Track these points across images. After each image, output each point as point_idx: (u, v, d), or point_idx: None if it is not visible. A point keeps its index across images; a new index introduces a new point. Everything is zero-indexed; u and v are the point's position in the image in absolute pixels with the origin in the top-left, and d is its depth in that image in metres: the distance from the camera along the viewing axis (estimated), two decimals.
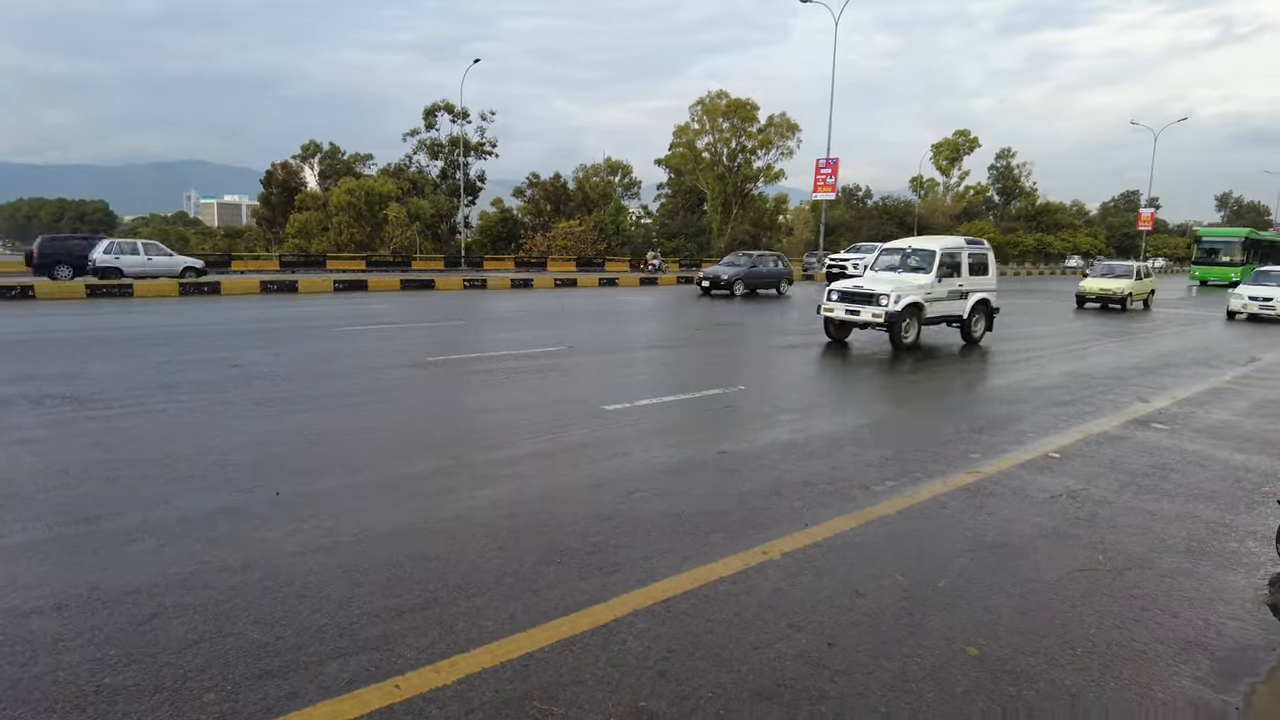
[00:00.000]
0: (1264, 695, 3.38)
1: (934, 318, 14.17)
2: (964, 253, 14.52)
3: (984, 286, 14.86)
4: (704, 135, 59.67)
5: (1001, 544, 4.89)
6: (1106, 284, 25.20)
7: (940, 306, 14.13)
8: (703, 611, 3.85)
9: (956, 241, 14.72)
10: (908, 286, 13.53)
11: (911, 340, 13.69)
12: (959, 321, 14.63)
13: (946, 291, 14.12)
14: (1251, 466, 6.82)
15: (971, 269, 14.60)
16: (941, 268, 14.03)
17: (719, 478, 6.05)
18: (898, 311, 13.17)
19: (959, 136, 75.61)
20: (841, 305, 13.93)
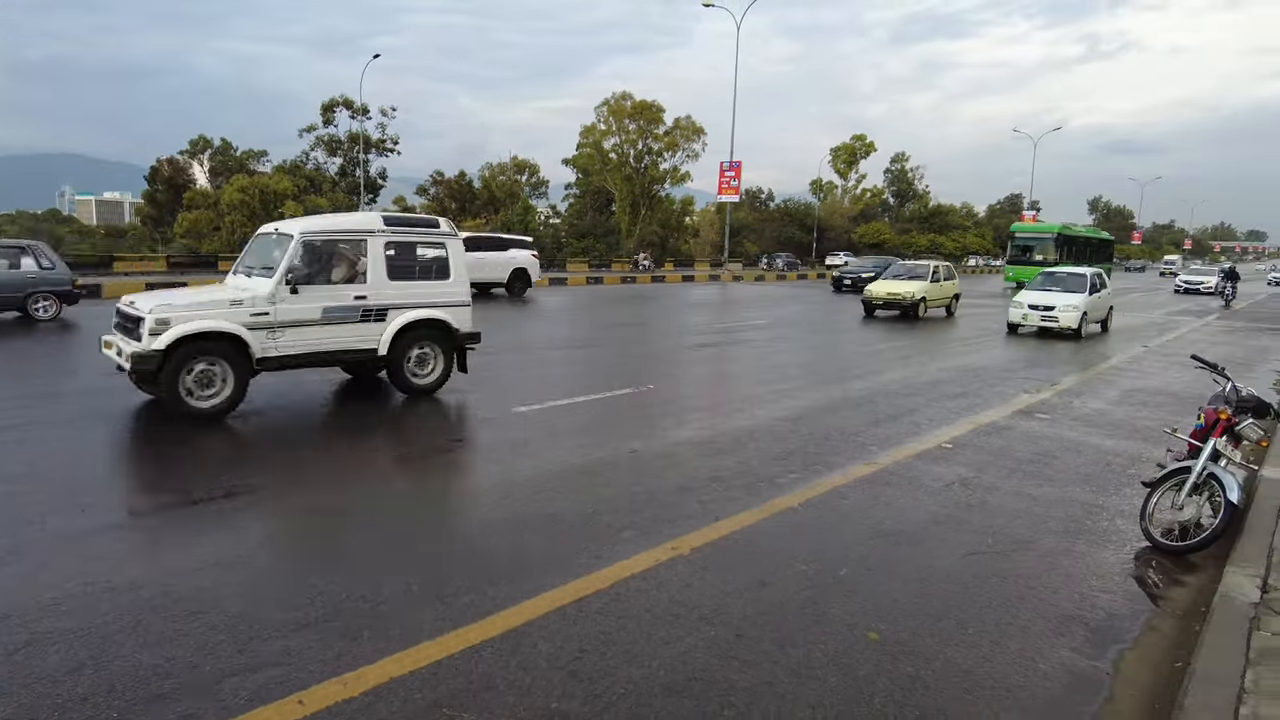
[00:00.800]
0: (1130, 660, 3.67)
1: None
2: None
3: None
4: (611, 136, 59.77)
5: (898, 531, 5.12)
6: (896, 287, 21.34)
7: None
8: (614, 610, 3.88)
9: None
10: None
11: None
12: None
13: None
14: (1120, 451, 7.35)
15: None
16: None
17: (630, 476, 6.09)
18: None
19: (856, 141, 78.25)
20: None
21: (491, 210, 56.30)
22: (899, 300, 20.93)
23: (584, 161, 61.79)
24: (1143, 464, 6.79)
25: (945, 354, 14.37)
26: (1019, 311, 17.53)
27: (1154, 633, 3.96)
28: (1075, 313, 16.85)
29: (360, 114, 53.12)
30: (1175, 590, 4.52)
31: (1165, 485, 5.19)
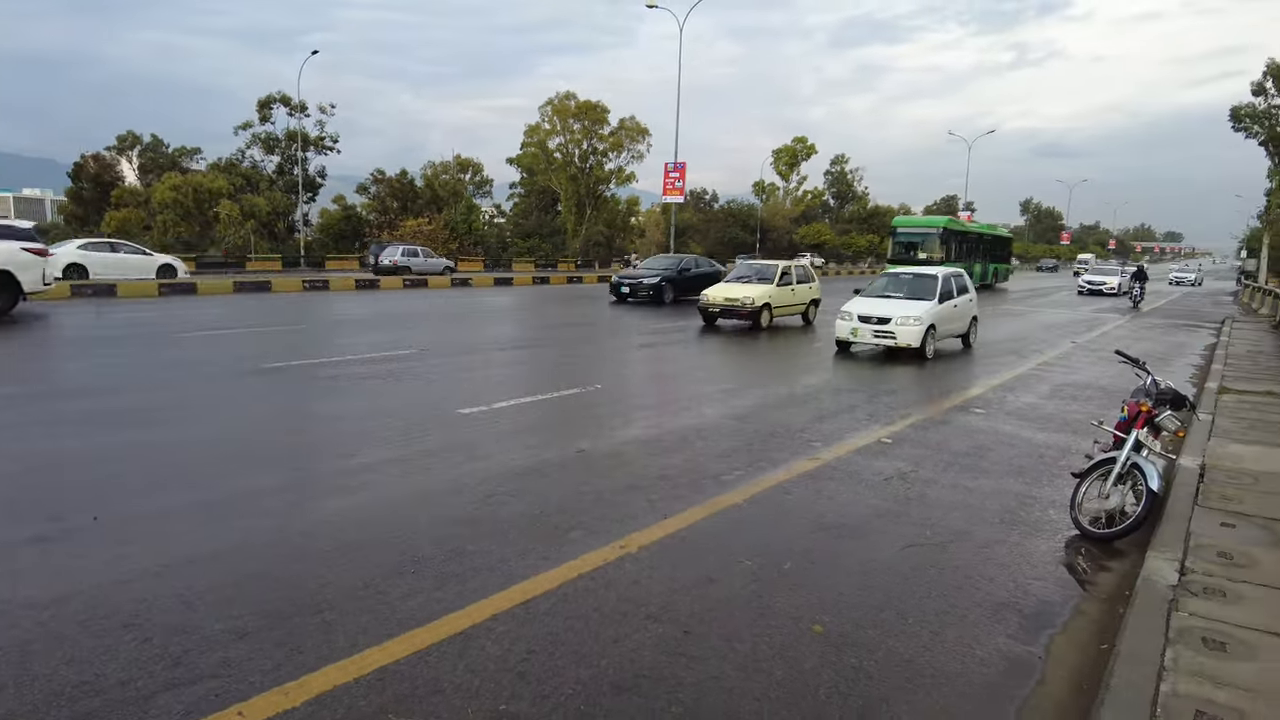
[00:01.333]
0: (1061, 644, 3.82)
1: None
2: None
3: None
4: (555, 136, 59.41)
5: (840, 525, 5.23)
6: (735, 292, 17.47)
7: None
8: (562, 610, 3.88)
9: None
10: None
11: None
12: None
13: None
14: (1051, 444, 7.63)
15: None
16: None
17: (578, 476, 6.09)
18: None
19: (797, 143, 79.43)
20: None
21: (435, 209, 55.43)
22: (736, 307, 17.17)
23: (528, 161, 61.35)
24: (1072, 456, 7.05)
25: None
26: (847, 325, 13.38)
27: (1082, 617, 4.13)
28: (917, 327, 12.88)
29: (298, 111, 51.80)
30: (1102, 576, 4.71)
31: (1092, 475, 5.41)
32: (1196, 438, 7.52)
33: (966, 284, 15.09)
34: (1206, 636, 3.57)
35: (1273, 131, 50.66)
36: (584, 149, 59.68)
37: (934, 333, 13.41)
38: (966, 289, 14.99)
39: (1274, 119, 50.50)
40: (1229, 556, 4.54)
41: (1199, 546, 4.69)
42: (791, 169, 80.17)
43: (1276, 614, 3.82)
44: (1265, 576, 4.27)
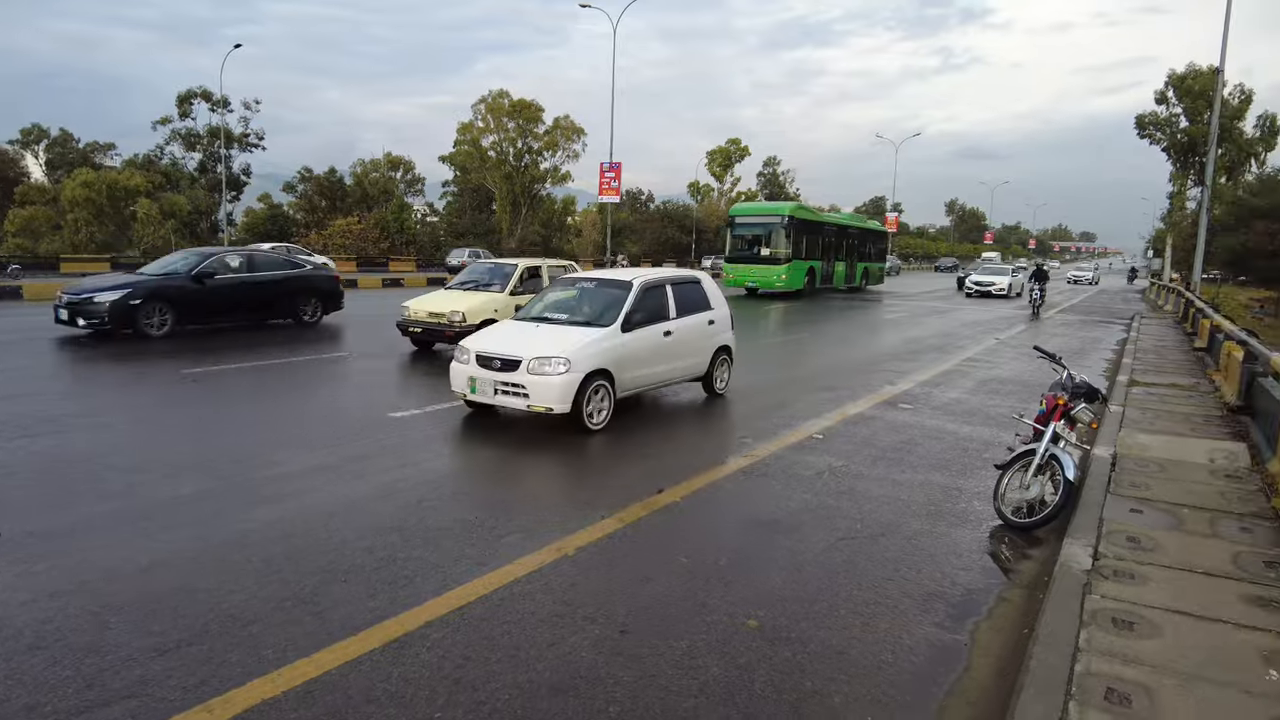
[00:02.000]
0: (985, 630, 3.96)
1: None
2: None
3: None
4: (489, 134, 58.75)
5: (774, 520, 5.31)
6: (443, 303, 12.24)
7: None
8: (498, 615, 3.84)
9: None
10: None
11: None
12: None
13: None
14: (975, 437, 7.90)
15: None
16: None
17: (516, 479, 6.04)
18: None
19: (731, 145, 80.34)
20: None
21: (365, 208, 54.24)
22: (441, 327, 11.92)
23: (462, 159, 60.51)
24: (995, 448, 7.32)
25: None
26: (464, 372, 7.99)
27: (1005, 603, 4.29)
28: (562, 376, 7.36)
29: (220, 106, 50.03)
30: (1024, 563, 4.90)
31: (1014, 467, 5.62)
32: (1109, 428, 7.89)
33: (704, 296, 9.45)
34: (1117, 617, 3.75)
35: (1174, 139, 53.55)
36: (519, 148, 59.20)
37: (613, 382, 7.82)
38: (701, 305, 9.33)
39: (1175, 127, 53.37)
40: (1137, 541, 4.78)
41: (1110, 532, 4.92)
42: (726, 170, 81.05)
43: (1178, 593, 4.04)
44: (1169, 559, 4.51)
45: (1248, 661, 3.37)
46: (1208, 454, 6.85)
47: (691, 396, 9.58)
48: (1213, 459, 6.71)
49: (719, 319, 9.47)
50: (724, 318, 9.58)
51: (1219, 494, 5.78)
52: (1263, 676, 3.25)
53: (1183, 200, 55.34)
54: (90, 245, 42.71)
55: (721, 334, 9.51)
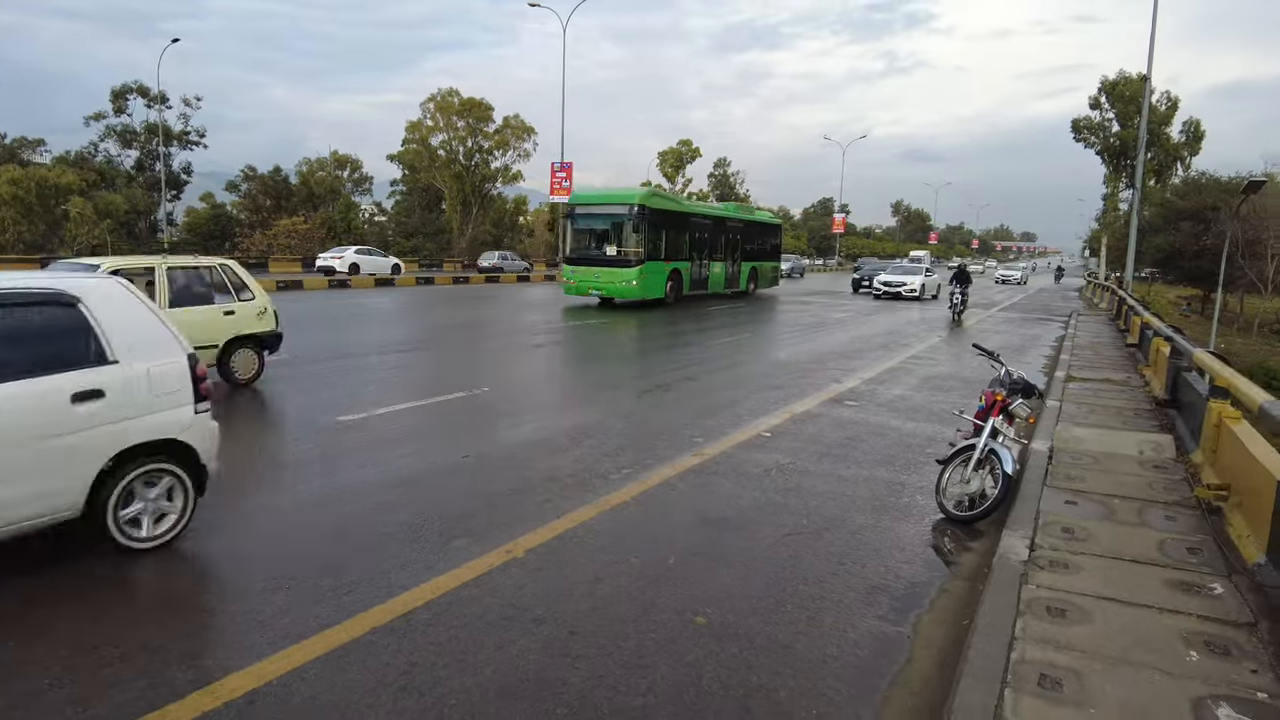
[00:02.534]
0: (928, 622, 4.06)
1: None
2: None
3: None
4: (438, 133, 58.09)
5: (723, 518, 5.36)
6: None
7: None
8: (446, 619, 3.81)
9: None
10: None
11: None
12: None
13: None
14: (918, 433, 8.08)
15: None
16: None
17: (463, 482, 5.99)
18: None
19: (683, 145, 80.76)
20: None
21: (310, 208, 53.11)
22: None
23: (410, 158, 59.67)
24: (937, 443, 7.49)
25: None
26: None
27: (947, 595, 4.40)
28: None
29: (158, 102, 48.47)
30: (965, 556, 5.03)
31: (954, 462, 5.76)
32: (1046, 423, 8.15)
33: (80, 334, 4.32)
34: (1051, 605, 3.88)
35: (1107, 142, 55.56)
36: (469, 147, 58.65)
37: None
38: (54, 358, 4.20)
39: (1107, 131, 55.37)
40: (1071, 531, 4.94)
41: (1047, 524, 5.09)
42: (678, 171, 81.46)
43: (1108, 581, 4.20)
44: (1100, 548, 4.68)
45: (1169, 644, 3.52)
46: (1137, 446, 7.12)
47: (644, 396, 9.61)
48: (1142, 451, 6.97)
49: (122, 388, 4.39)
50: (145, 381, 4.50)
51: (1147, 484, 6.02)
52: (1183, 658, 3.39)
53: (1116, 201, 57.42)
54: (18, 245, 41.03)
55: (130, 419, 4.43)
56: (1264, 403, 4.73)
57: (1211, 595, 4.06)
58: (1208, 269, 33.48)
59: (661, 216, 23.04)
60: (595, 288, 22.55)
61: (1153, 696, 3.09)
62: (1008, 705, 3.00)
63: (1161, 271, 44.82)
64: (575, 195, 25.29)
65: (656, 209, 22.87)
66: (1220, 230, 28.35)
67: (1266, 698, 3.11)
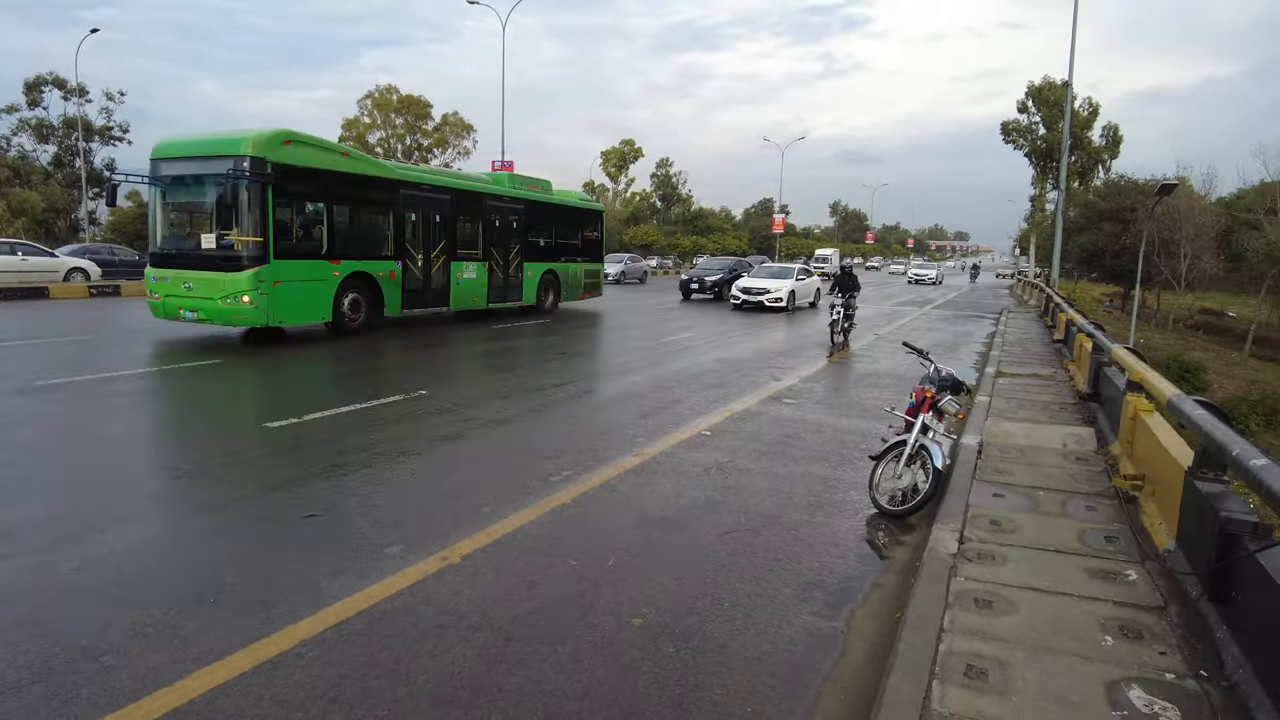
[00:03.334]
0: (861, 616, 4.14)
1: None
2: None
3: None
4: (376, 130, 57.11)
5: (662, 518, 5.38)
6: None
7: None
8: (378, 629, 3.73)
9: None
10: None
11: None
12: None
13: None
14: (853, 429, 8.25)
15: None
16: None
17: (398, 488, 5.87)
18: None
19: (625, 145, 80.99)
20: None
21: None
22: None
23: None
24: (871, 439, 7.64)
25: None
26: None
27: (880, 589, 4.49)
28: None
29: (77, 95, 46.38)
30: (898, 549, 5.14)
31: (887, 457, 5.90)
32: (977, 418, 8.40)
33: None
34: (978, 597, 3.99)
35: (1034, 145, 57.63)
36: (407, 144, 57.75)
37: None
38: None
39: (1034, 134, 57.45)
40: (998, 524, 5.10)
41: (975, 516, 5.24)
42: (620, 171, 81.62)
43: (1032, 571, 4.34)
44: (1025, 539, 4.84)
45: (1087, 630, 3.66)
46: (1061, 439, 7.40)
47: (587, 396, 9.58)
48: (1065, 444, 7.24)
49: None
50: None
51: (1070, 476, 6.25)
52: (1099, 643, 3.53)
53: (1043, 202, 59.64)
54: None
55: None
56: (1171, 396, 4.95)
57: (1126, 582, 4.23)
58: (1128, 267, 35.01)
59: (313, 179, 13.66)
60: (188, 306, 13.15)
61: (1070, 682, 3.21)
62: (935, 696, 3.08)
63: (1086, 269, 46.67)
64: (163, 144, 13.72)
65: (293, 165, 13.22)
66: (1138, 230, 29.65)
67: (1174, 678, 3.26)
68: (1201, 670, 3.33)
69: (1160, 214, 32.27)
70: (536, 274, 20.22)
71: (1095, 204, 44.15)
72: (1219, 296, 46.36)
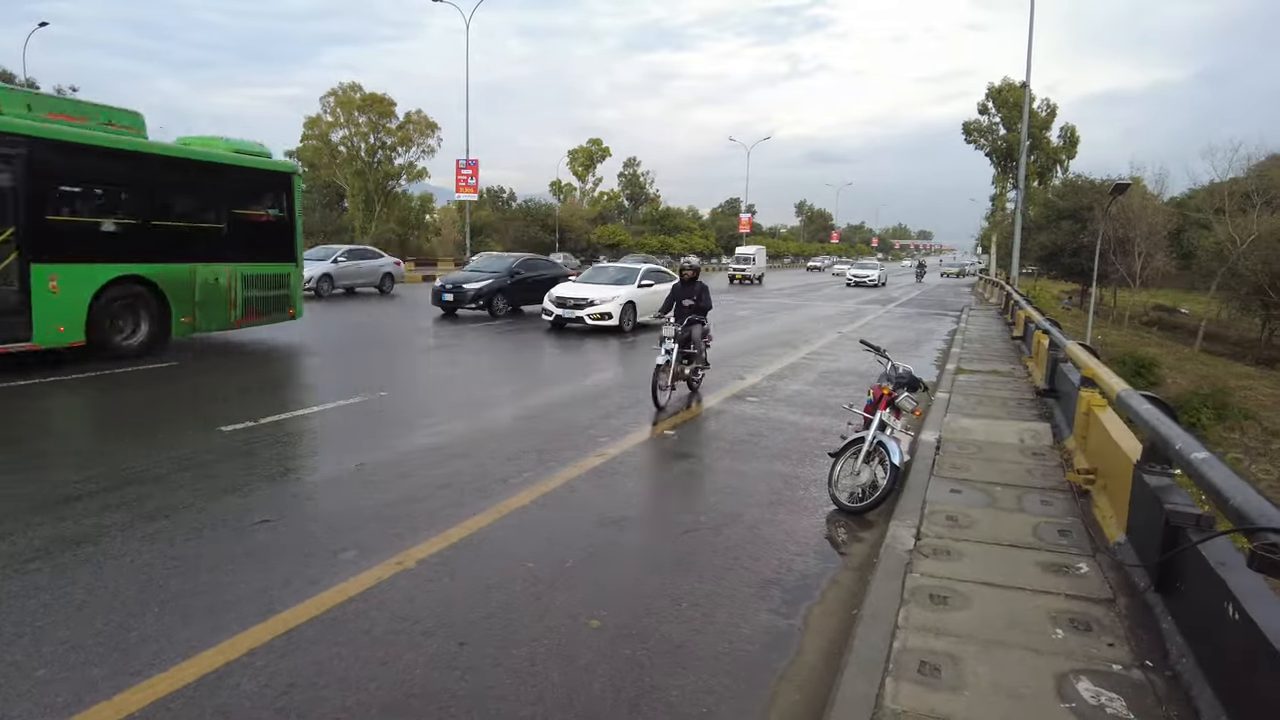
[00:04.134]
0: (818, 614, 4.15)
1: None
2: None
3: None
4: (339, 128, 56.30)
5: (623, 518, 5.36)
6: None
7: None
8: (329, 636, 3.65)
9: None
10: None
11: None
12: None
13: None
14: (814, 426, 8.29)
15: None
16: None
17: (354, 492, 5.77)
18: None
19: (592, 145, 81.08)
20: None
21: None
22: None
23: (310, 154, 57.52)
24: (832, 437, 7.67)
25: None
26: None
27: (837, 586, 4.51)
28: None
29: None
30: (856, 546, 5.17)
31: (845, 454, 5.92)
32: (937, 413, 8.50)
33: None
34: (934, 593, 4.02)
35: (995, 145, 58.70)
36: (370, 143, 57.02)
37: None
38: None
39: (995, 134, 58.49)
40: (955, 519, 5.16)
41: (932, 512, 5.29)
42: (588, 170, 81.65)
43: (987, 566, 4.39)
44: (981, 534, 4.89)
45: (1039, 624, 3.70)
46: (1018, 434, 7.51)
47: (545, 398, 9.52)
48: (1022, 439, 7.35)
49: None
50: None
51: (1026, 471, 6.34)
52: (1050, 636, 3.58)
53: (1003, 201, 60.76)
54: None
55: None
56: (1120, 391, 5.04)
57: (1078, 574, 4.30)
58: (1085, 265, 35.72)
59: None
60: None
61: (1022, 676, 3.24)
62: (888, 694, 3.09)
63: (1045, 267, 47.57)
64: None
65: None
66: (1095, 229, 30.27)
67: (1120, 669, 3.31)
68: (1147, 660, 3.39)
69: (1115, 213, 33.03)
70: (82, 286, 10.39)
71: (1054, 203, 45.05)
72: (1172, 293, 47.51)
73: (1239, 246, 33.19)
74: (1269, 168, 42.67)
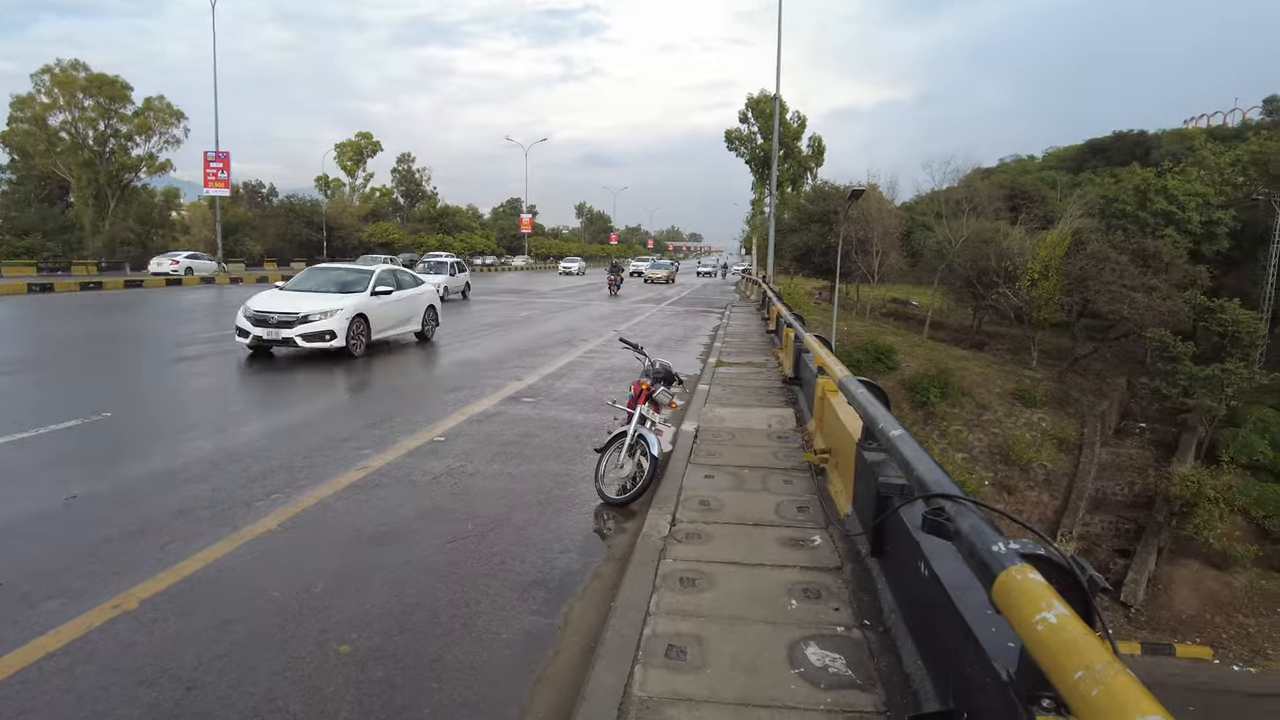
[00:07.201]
0: (578, 610, 4.22)
1: None
2: None
3: None
4: (58, 111, 48.87)
5: (382, 534, 5.13)
6: None
7: None
8: (16, 704, 3.15)
9: None
10: None
11: None
12: None
13: None
14: (589, 424, 8.45)
15: None
16: None
17: (64, 531, 5.05)
18: None
19: (362, 139, 76.94)
20: None
21: None
22: None
23: (21, 140, 49.45)
24: (604, 433, 7.88)
25: None
26: None
27: (599, 579, 4.61)
28: None
29: None
30: (619, 537, 5.32)
31: (610, 449, 6.10)
32: (698, 404, 8.98)
33: None
34: (684, 576, 4.24)
35: (753, 152, 63.22)
36: (100, 130, 50.10)
37: None
38: None
39: (753, 143, 63.03)
40: (707, 503, 5.48)
41: (687, 498, 5.58)
42: (357, 165, 77.48)
43: (733, 546, 4.71)
44: (729, 516, 5.24)
45: (776, 596, 4.03)
46: (767, 420, 8.13)
47: (314, 403, 8.90)
48: (770, 424, 7.97)
49: None
50: None
51: (772, 454, 6.88)
52: (785, 607, 3.91)
53: (762, 205, 65.54)
54: None
55: None
56: (841, 378, 5.62)
57: (812, 547, 4.73)
58: (834, 263, 39.51)
59: None
60: None
61: (759, 648, 3.51)
62: (636, 681, 3.21)
63: (800, 266, 52.03)
64: None
65: None
66: (838, 231, 33.54)
67: (843, 630, 3.69)
68: (865, 620, 3.80)
69: (856, 216, 36.86)
70: None
71: (805, 207, 49.41)
72: (905, 287, 53.88)
73: (954, 246, 38.39)
74: (974, 179, 49.77)
